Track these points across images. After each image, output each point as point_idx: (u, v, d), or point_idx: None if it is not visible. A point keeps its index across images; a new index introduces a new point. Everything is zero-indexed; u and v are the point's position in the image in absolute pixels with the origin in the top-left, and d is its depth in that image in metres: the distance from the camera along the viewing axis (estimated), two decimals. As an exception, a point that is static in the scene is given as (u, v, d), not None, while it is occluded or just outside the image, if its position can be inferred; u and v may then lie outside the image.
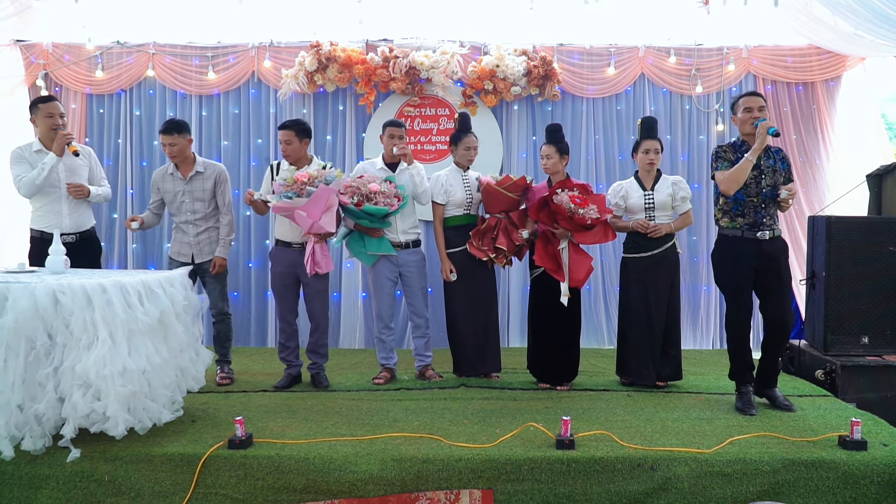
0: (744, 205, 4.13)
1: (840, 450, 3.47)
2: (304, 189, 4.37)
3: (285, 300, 4.81)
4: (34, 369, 3.19)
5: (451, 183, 4.91)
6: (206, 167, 4.84)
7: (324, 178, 4.44)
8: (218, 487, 3.29)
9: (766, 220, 4.11)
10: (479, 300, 4.94)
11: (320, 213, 4.36)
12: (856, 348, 5.00)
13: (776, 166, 4.14)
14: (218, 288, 4.91)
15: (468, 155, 4.94)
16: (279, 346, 4.90)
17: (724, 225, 4.23)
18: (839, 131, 6.53)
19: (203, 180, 4.81)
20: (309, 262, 4.54)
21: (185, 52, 6.58)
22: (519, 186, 4.80)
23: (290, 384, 4.82)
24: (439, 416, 4.04)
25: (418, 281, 4.94)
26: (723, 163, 4.15)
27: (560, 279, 4.61)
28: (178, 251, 4.86)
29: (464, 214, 4.92)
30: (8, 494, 3.26)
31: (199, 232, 4.82)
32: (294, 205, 4.37)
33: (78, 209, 4.67)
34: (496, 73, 6.27)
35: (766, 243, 4.11)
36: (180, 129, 4.71)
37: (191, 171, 4.79)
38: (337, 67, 6.29)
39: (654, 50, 6.59)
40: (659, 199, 4.69)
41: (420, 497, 3.29)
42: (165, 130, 4.69)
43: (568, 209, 4.44)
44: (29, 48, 6.49)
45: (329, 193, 4.40)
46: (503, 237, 4.77)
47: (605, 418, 4.02)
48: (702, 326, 6.64)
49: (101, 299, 3.23)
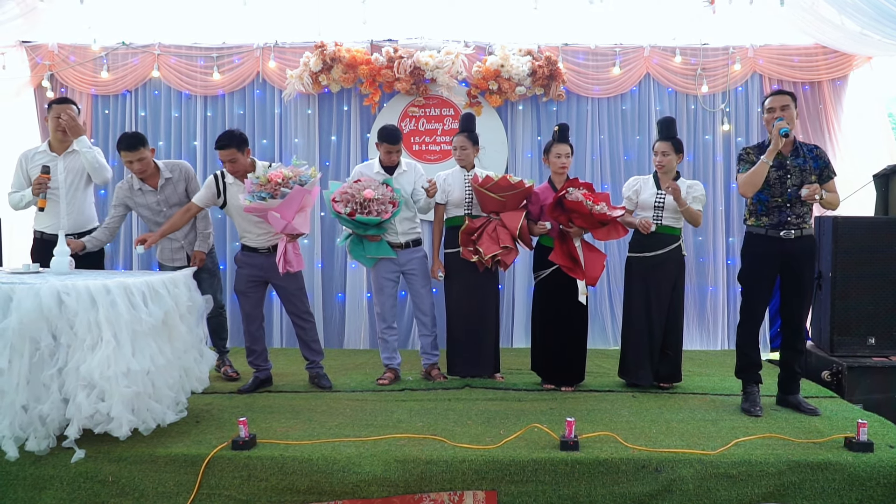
0: (767, 205, 4.11)
1: (846, 451, 3.45)
2: (278, 190, 4.21)
3: (249, 301, 4.66)
4: (38, 370, 3.20)
5: (451, 183, 4.91)
6: (172, 171, 4.73)
7: (298, 178, 4.28)
8: (221, 488, 3.30)
9: (792, 219, 4.07)
10: (476, 301, 4.92)
11: (293, 214, 4.28)
12: (862, 349, 4.97)
13: (806, 165, 4.07)
14: (213, 284, 4.91)
15: (457, 154, 4.94)
16: (246, 349, 4.76)
17: (750, 224, 4.23)
18: (846, 131, 6.49)
19: (174, 184, 4.71)
20: (281, 261, 4.39)
21: (190, 53, 6.59)
22: (502, 187, 4.68)
23: (256, 387, 4.69)
24: (443, 417, 4.04)
25: (422, 279, 4.93)
26: (744, 165, 4.14)
27: (578, 277, 4.58)
28: (171, 257, 4.86)
29: (464, 214, 4.90)
30: (12, 495, 3.28)
31: (186, 233, 4.81)
32: (267, 206, 4.22)
33: (77, 210, 4.67)
34: (501, 73, 6.26)
35: (791, 242, 4.08)
36: (144, 142, 4.53)
37: (159, 180, 4.67)
38: (341, 68, 6.29)
39: (660, 50, 6.56)
40: (669, 201, 4.65)
41: (424, 498, 3.28)
42: (130, 147, 4.44)
43: (588, 206, 4.42)
44: (34, 49, 6.51)
45: (303, 195, 4.29)
46: (486, 239, 4.70)
47: (609, 419, 4.01)
48: (709, 327, 6.61)
49: (105, 300, 3.24)
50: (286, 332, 6.49)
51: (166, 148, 6.59)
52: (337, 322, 6.61)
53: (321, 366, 4.88)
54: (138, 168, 4.52)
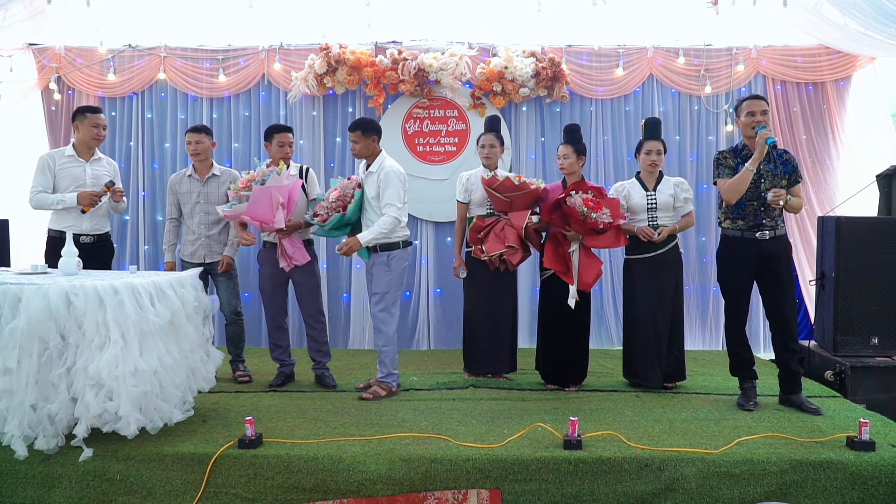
0: (743, 208, 4.19)
1: (848, 451, 3.46)
2: (241, 195, 4.47)
3: (274, 300, 4.85)
4: (47, 370, 3.23)
5: (474, 182, 4.92)
6: (222, 172, 4.99)
7: (260, 178, 4.48)
8: (228, 487, 3.32)
9: (767, 222, 4.16)
10: (494, 300, 4.94)
11: (270, 213, 4.41)
12: (865, 349, 4.98)
13: (777, 170, 4.16)
14: (230, 288, 4.98)
15: (485, 153, 4.93)
16: (270, 345, 4.94)
17: (725, 226, 4.30)
18: (849, 131, 6.49)
19: (219, 184, 4.93)
20: (282, 257, 4.61)
21: (196, 55, 6.62)
22: (507, 187, 4.69)
23: (283, 383, 4.86)
24: (447, 416, 4.06)
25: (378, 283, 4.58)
26: (723, 170, 4.21)
27: (569, 282, 4.60)
28: (192, 252, 4.93)
29: (486, 214, 4.92)
30: (21, 493, 3.31)
31: (210, 233, 4.90)
32: (237, 211, 4.47)
33: (98, 212, 4.73)
34: (504, 74, 6.28)
35: (766, 243, 4.16)
36: (208, 130, 4.99)
37: (207, 174, 4.92)
38: (346, 70, 6.31)
39: (663, 50, 6.57)
40: (661, 200, 4.69)
41: (428, 497, 3.30)
42: (194, 129, 4.94)
43: (581, 212, 4.42)
44: (42, 52, 6.55)
45: (268, 193, 4.40)
46: (492, 238, 4.72)
47: (612, 419, 4.03)
48: (710, 327, 6.63)
49: (112, 300, 3.27)
50: (294, 332, 6.50)
51: (172, 150, 6.63)
52: (342, 322, 6.64)
53: (327, 367, 4.92)
54: (194, 150, 4.89)
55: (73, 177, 4.62)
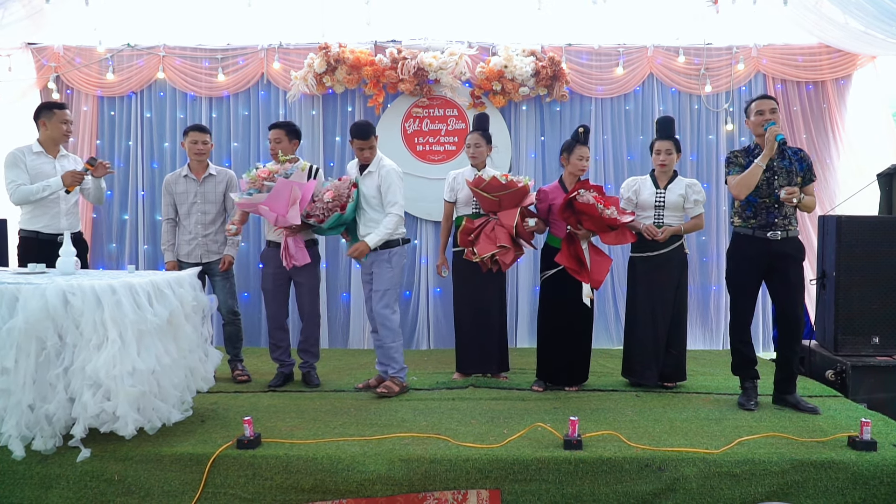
0: (756, 206, 4.17)
1: (849, 450, 3.45)
2: (263, 185, 4.46)
3: (276, 300, 4.85)
4: (45, 370, 3.22)
5: (460, 181, 4.91)
6: (218, 172, 5.00)
7: (283, 172, 4.50)
8: (227, 487, 3.31)
9: (779, 221, 4.13)
10: (483, 300, 4.92)
11: (285, 207, 4.41)
12: (866, 348, 4.97)
13: (791, 167, 4.14)
14: (226, 288, 4.98)
15: (470, 152, 4.91)
16: (270, 345, 4.94)
17: (737, 224, 4.29)
18: (850, 130, 6.49)
19: (215, 183, 4.95)
20: (284, 255, 4.61)
21: (195, 55, 6.61)
22: (494, 187, 4.63)
23: (283, 383, 4.86)
24: (447, 416, 4.05)
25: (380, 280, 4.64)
26: (734, 168, 4.21)
27: (583, 280, 4.59)
28: (188, 252, 4.92)
29: (473, 213, 4.90)
30: (19, 494, 3.30)
31: (207, 233, 4.91)
32: (254, 201, 4.46)
33: (72, 210, 4.71)
34: (504, 73, 6.27)
35: (777, 243, 4.14)
36: (210, 131, 5.06)
37: (204, 173, 4.93)
38: (345, 69, 6.30)
39: (663, 49, 6.56)
40: (670, 199, 4.67)
41: (428, 497, 3.29)
42: (201, 129, 4.96)
43: (599, 209, 4.41)
44: (40, 51, 6.54)
45: (289, 187, 4.42)
46: (483, 239, 4.69)
47: (613, 419, 4.02)
48: (711, 327, 6.62)
49: (110, 300, 3.26)
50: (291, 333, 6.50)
51: (172, 149, 6.62)
52: (341, 322, 6.63)
53: (314, 366, 4.95)
54: (199, 149, 4.89)
55: (44, 173, 4.55)
